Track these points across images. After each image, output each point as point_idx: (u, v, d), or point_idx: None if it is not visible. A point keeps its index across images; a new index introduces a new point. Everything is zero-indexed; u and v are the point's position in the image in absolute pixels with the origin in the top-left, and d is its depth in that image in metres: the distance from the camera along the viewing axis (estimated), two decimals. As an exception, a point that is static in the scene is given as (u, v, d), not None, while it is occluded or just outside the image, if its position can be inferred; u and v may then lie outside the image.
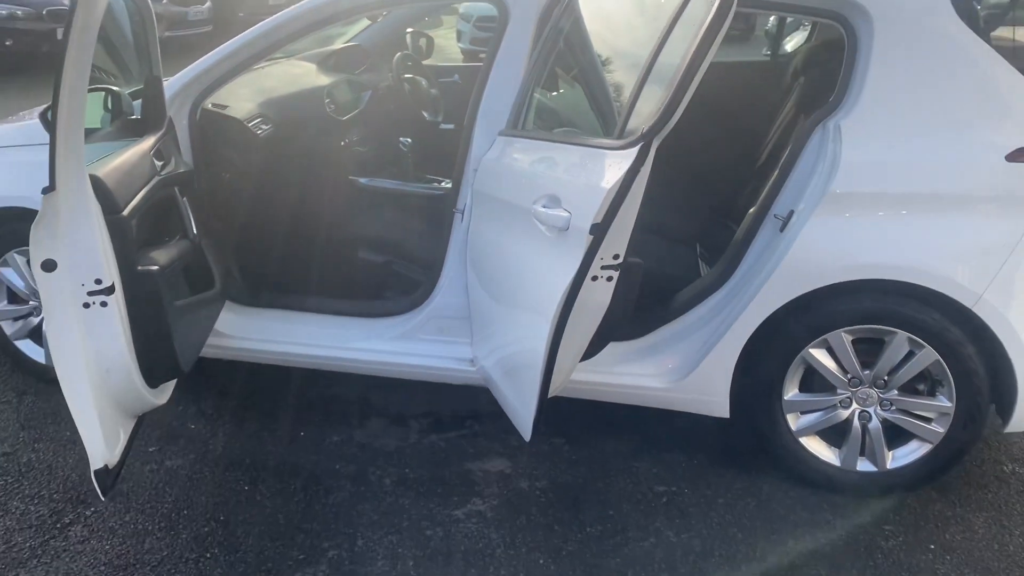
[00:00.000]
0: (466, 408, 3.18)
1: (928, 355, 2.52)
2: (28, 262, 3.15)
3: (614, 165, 1.96)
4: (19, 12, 9.60)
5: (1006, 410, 2.56)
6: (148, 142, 2.63)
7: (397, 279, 3.29)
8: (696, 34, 1.81)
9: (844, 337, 2.57)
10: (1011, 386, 2.50)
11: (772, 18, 6.58)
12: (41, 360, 3.31)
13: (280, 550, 2.45)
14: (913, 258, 2.45)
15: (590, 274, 2.01)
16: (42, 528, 2.52)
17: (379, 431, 3.07)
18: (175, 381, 2.69)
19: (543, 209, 2.16)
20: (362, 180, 3.60)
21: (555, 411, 2.63)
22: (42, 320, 3.26)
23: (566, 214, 2.07)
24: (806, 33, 4.41)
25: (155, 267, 2.30)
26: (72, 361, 2.11)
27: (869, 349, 2.60)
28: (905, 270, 2.45)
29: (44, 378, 3.31)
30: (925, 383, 2.63)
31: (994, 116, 2.46)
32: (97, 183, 2.19)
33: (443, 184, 3.69)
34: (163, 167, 2.63)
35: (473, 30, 12.27)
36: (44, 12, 9.76)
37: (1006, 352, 2.45)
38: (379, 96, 3.99)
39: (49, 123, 2.00)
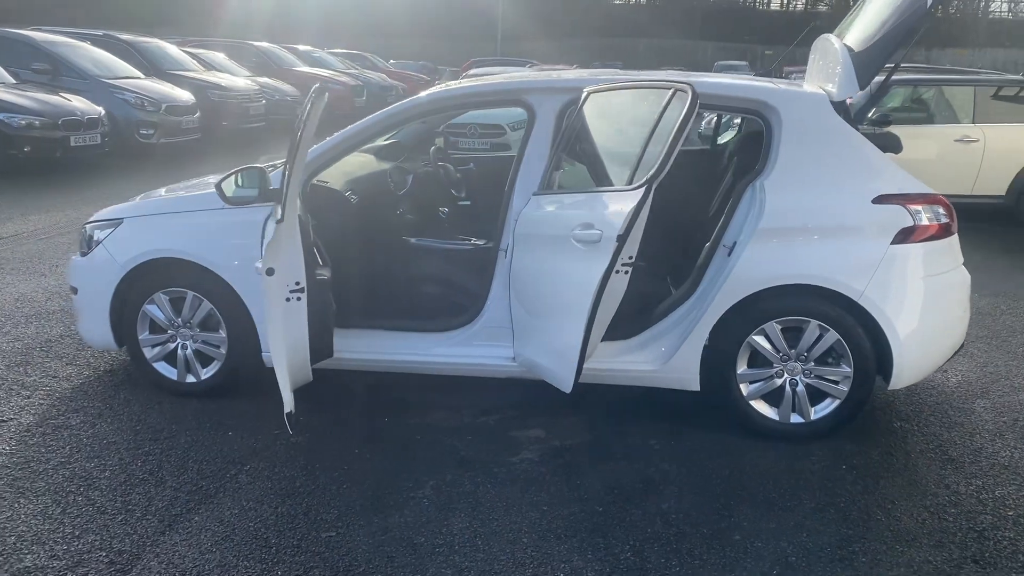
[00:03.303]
0: (500, 401, 4.26)
1: (832, 336, 3.73)
2: (170, 301, 4.21)
3: (630, 198, 3.19)
4: (37, 122, 10.67)
5: (887, 373, 3.76)
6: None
7: (449, 304, 4.40)
8: (674, 126, 3.08)
9: (775, 327, 3.78)
10: (888, 355, 3.71)
11: (706, 121, 8.27)
12: (174, 377, 4.33)
13: (394, 484, 3.49)
14: (817, 269, 3.69)
15: (615, 269, 3.20)
16: (219, 475, 3.52)
17: (442, 418, 4.14)
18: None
19: (580, 232, 3.36)
20: (412, 240, 4.76)
21: (575, 396, 3.74)
22: (177, 346, 4.30)
23: (599, 231, 3.28)
24: (735, 131, 5.80)
25: (326, 276, 3.40)
26: (278, 338, 3.20)
27: (792, 335, 3.79)
28: (812, 277, 3.69)
29: (176, 391, 4.32)
30: (831, 356, 3.82)
31: (861, 175, 3.74)
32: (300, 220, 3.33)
33: (473, 241, 4.86)
34: None
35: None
36: (60, 122, 10.86)
37: (883, 331, 3.67)
38: (419, 178, 5.19)
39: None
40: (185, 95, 13.75)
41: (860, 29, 3.95)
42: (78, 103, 11.46)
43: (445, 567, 2.97)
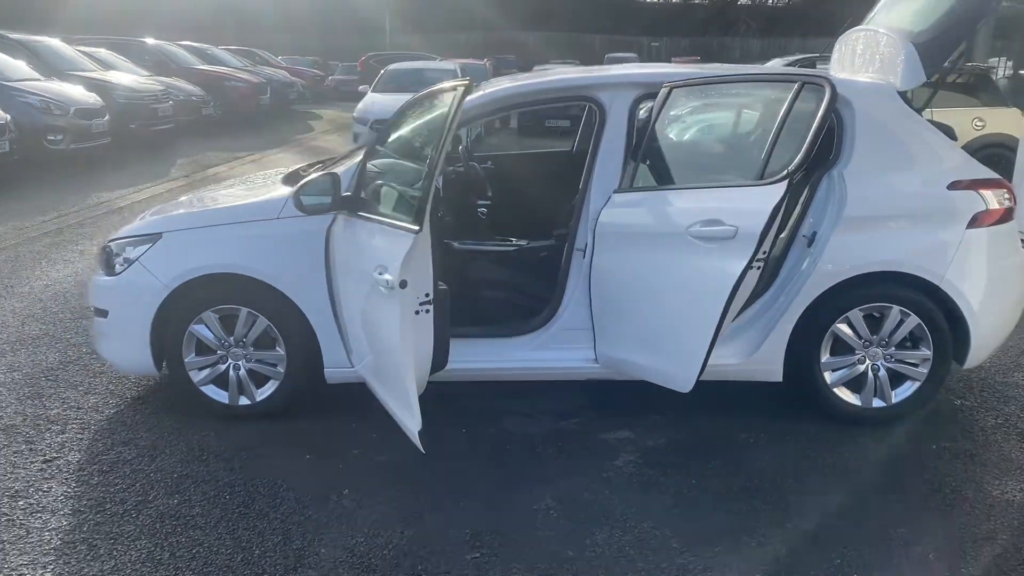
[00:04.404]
0: (569, 404, 4.18)
1: (913, 320, 3.82)
2: (220, 319, 3.93)
3: (767, 193, 3.16)
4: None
5: (960, 354, 3.88)
6: None
7: (513, 308, 4.27)
8: (813, 119, 3.08)
9: (858, 314, 3.84)
10: (965, 336, 3.83)
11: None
12: (225, 400, 4.04)
13: (510, 497, 3.37)
14: (900, 255, 3.77)
15: (751, 266, 3.17)
16: (321, 502, 3.31)
17: (519, 424, 4.02)
18: None
19: (703, 228, 3.32)
20: (455, 243, 4.60)
21: (637, 395, 3.71)
22: (228, 367, 4.01)
23: (732, 227, 3.24)
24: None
25: (444, 285, 3.23)
26: (408, 351, 3.02)
27: (872, 321, 3.86)
28: (896, 263, 3.76)
29: (225, 416, 4.04)
30: (910, 339, 3.91)
31: (934, 162, 3.84)
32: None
33: (515, 242, 4.74)
34: None
35: (369, 132, 13.39)
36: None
37: (962, 314, 3.79)
38: (449, 180, 5.01)
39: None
40: (92, 97, 12.91)
41: (912, 20, 4.05)
42: (-19, 109, 10.60)
43: (610, 581, 2.89)
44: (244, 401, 4.04)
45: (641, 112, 3.91)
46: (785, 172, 3.18)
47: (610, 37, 42.73)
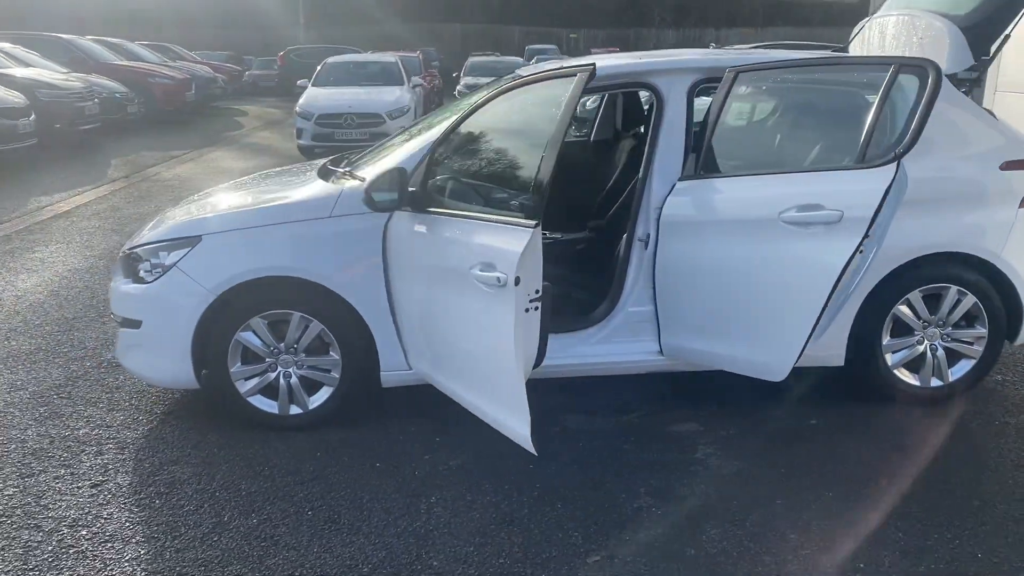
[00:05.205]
0: (623, 399, 4.12)
1: (969, 300, 3.88)
2: (268, 324, 3.71)
3: (875, 176, 3.14)
4: None
5: (1014, 331, 3.97)
6: None
7: (566, 301, 4.16)
8: (920, 102, 3.08)
9: (918, 295, 3.87)
10: (1018, 314, 3.91)
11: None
12: (274, 411, 3.82)
13: (606, 496, 3.28)
14: (959, 236, 3.82)
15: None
16: (409, 512, 3.16)
17: (584, 422, 3.93)
18: None
19: (799, 214, 3.28)
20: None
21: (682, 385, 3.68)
22: (277, 375, 3.80)
23: (836, 211, 3.20)
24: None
25: (547, 283, 3.10)
26: (520, 350, 2.88)
27: (930, 301, 3.90)
28: (956, 244, 3.81)
29: (276, 427, 3.83)
30: (965, 318, 3.97)
31: (985, 142, 3.90)
32: None
33: (549, 235, 4.64)
34: None
35: (315, 127, 13.08)
36: None
37: (1016, 291, 3.87)
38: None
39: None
40: (16, 96, 12.18)
41: (952, 4, 4.10)
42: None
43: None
44: (295, 410, 3.83)
45: (702, 97, 3.85)
46: (893, 154, 3.17)
47: (528, 28, 42.77)
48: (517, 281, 2.85)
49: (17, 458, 3.63)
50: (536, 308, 3.01)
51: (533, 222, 2.89)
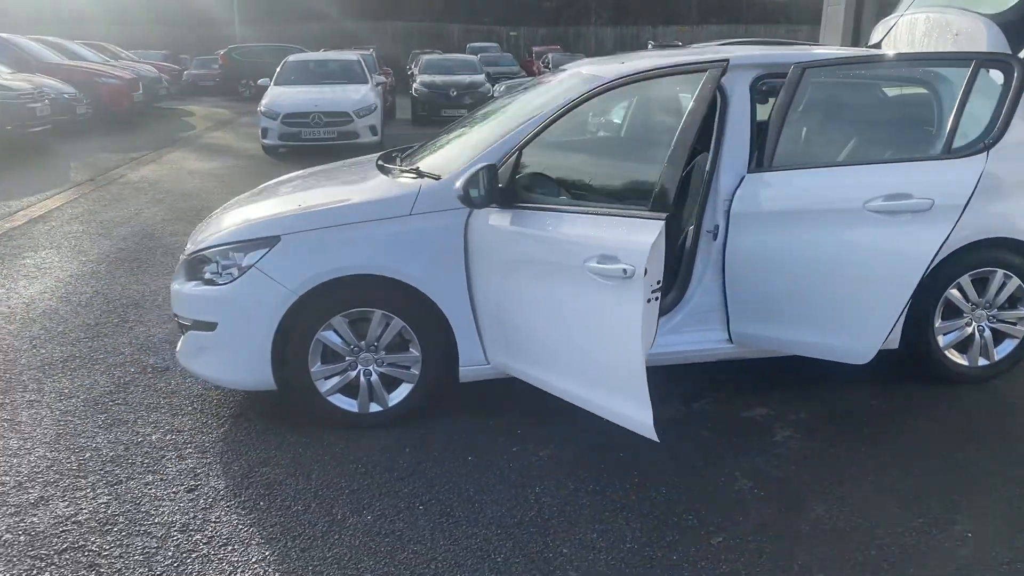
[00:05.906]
0: (685, 388, 4.23)
1: (1014, 283, 4.10)
2: (349, 324, 3.72)
3: (962, 167, 3.30)
4: None
5: (1050, 312, 4.21)
6: None
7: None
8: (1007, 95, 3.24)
9: (967, 279, 4.08)
10: (1057, 295, 4.16)
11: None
12: (354, 409, 3.82)
13: (706, 481, 3.38)
14: (1002, 223, 4.02)
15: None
16: (522, 505, 3.21)
17: (658, 411, 4.00)
18: None
19: (885, 203, 3.43)
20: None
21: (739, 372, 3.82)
22: (358, 373, 3.80)
23: (927, 200, 3.36)
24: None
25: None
26: (644, 340, 2.96)
27: (978, 285, 4.11)
28: (999, 230, 4.02)
29: (356, 425, 3.83)
30: (1009, 301, 4.19)
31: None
32: None
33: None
34: None
35: (281, 126, 12.94)
36: None
37: (1059, 276, 4.11)
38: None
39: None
40: (-32, 97, 11.76)
41: (984, 1, 4.32)
42: None
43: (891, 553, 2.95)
44: (375, 408, 3.84)
45: (767, 91, 3.97)
46: (982, 144, 3.34)
47: (468, 27, 42.73)
48: (646, 272, 2.93)
49: (97, 466, 3.55)
50: (656, 298, 3.09)
51: (663, 215, 2.97)
